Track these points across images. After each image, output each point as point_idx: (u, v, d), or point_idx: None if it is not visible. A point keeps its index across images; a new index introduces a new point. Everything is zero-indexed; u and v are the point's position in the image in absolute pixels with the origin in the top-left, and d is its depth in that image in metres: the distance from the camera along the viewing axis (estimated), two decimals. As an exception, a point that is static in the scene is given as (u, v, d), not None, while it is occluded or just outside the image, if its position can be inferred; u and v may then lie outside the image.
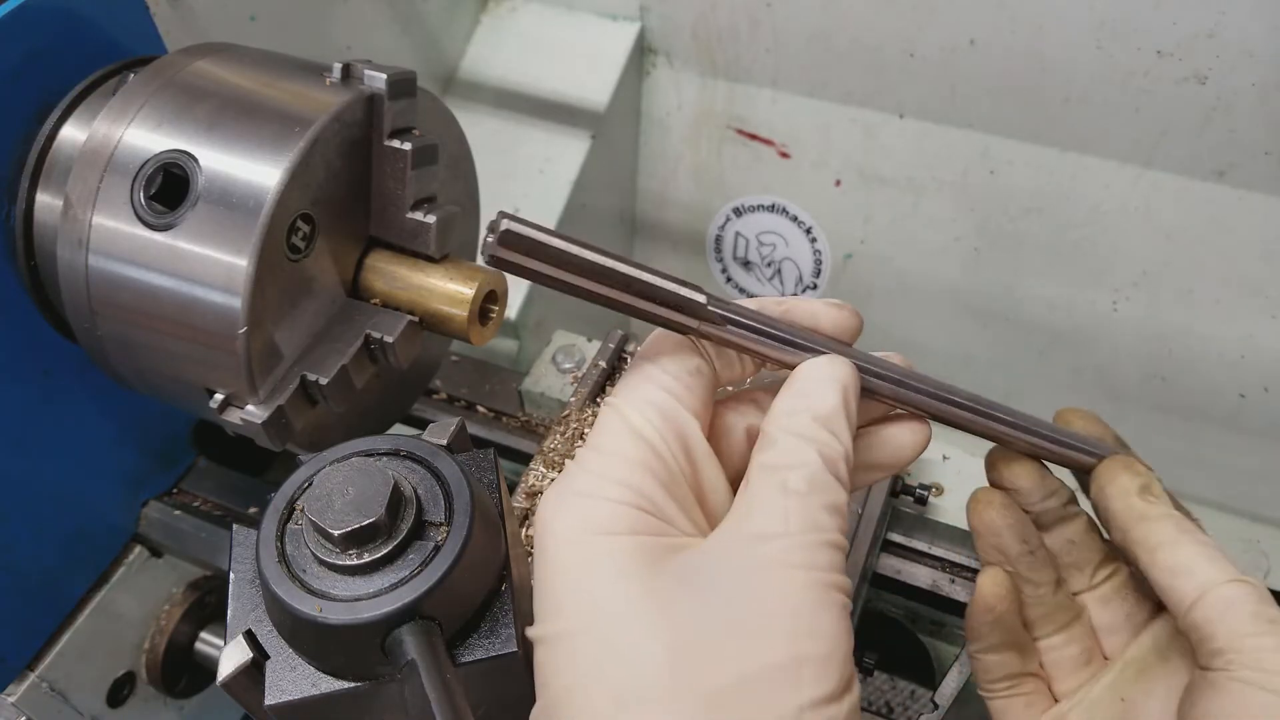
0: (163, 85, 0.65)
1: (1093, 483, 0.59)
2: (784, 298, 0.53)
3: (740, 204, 1.43)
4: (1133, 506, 0.56)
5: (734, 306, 0.50)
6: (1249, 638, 0.49)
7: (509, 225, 0.44)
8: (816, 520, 0.45)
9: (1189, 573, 0.52)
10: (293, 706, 0.45)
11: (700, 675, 0.41)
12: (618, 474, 0.47)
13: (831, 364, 0.50)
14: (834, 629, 0.43)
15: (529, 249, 0.45)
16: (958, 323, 1.36)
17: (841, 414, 0.48)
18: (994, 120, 1.20)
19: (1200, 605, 0.51)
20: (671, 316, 0.48)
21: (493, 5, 1.39)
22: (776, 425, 0.48)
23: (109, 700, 0.91)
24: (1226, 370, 1.22)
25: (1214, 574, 0.52)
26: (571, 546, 0.46)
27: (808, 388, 0.49)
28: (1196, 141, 1.10)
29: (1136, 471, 0.58)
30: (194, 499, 0.91)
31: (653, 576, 0.44)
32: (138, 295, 0.63)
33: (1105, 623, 0.62)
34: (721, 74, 1.33)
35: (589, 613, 0.44)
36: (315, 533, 0.44)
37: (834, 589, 0.44)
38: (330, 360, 0.65)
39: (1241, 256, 1.16)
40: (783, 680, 0.41)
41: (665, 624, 0.43)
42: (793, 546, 0.44)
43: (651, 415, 0.48)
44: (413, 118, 0.67)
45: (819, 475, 0.46)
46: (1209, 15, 1.01)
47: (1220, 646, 0.50)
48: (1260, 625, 0.49)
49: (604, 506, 0.46)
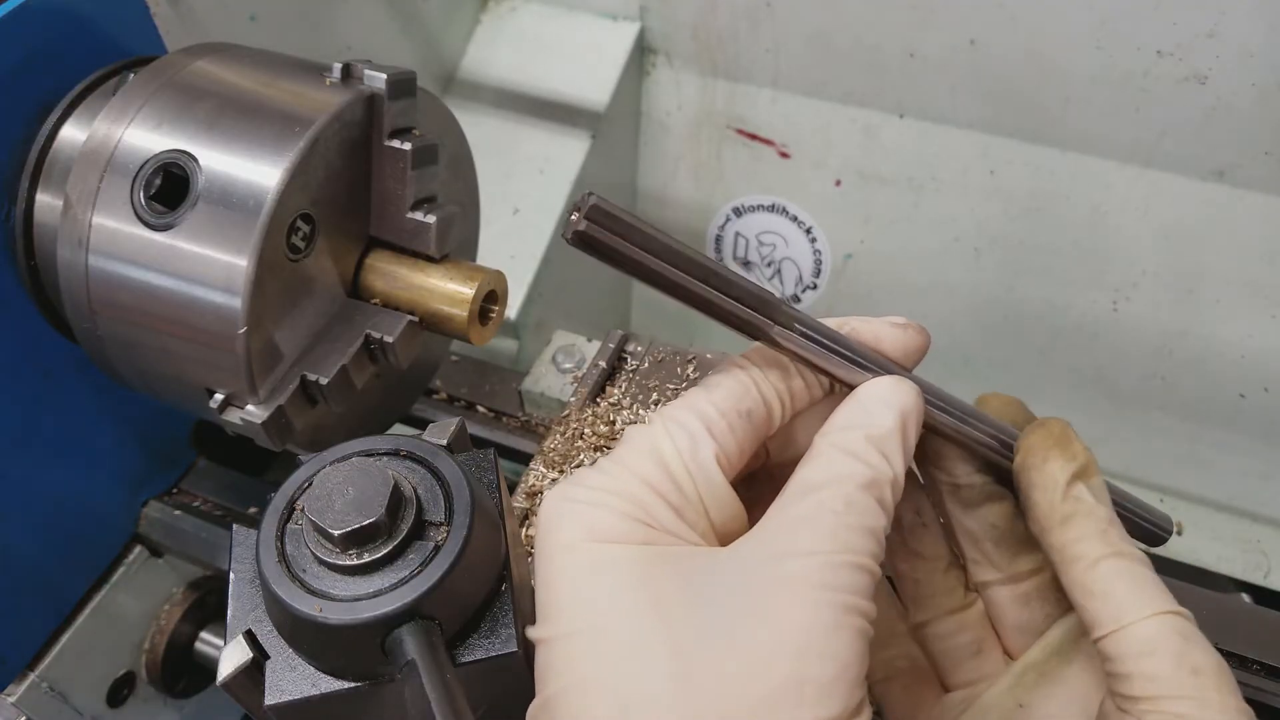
0: (163, 85, 0.65)
1: (1017, 457, 0.51)
2: (846, 318, 0.51)
3: (740, 204, 1.43)
4: (1055, 506, 0.49)
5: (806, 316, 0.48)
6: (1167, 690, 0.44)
7: (597, 201, 0.42)
8: (847, 541, 0.43)
9: (1106, 597, 0.47)
10: (293, 706, 0.45)
11: (702, 688, 0.41)
12: (626, 488, 0.46)
13: (895, 386, 0.48)
14: (846, 653, 0.41)
15: (617, 229, 0.43)
16: (958, 323, 1.36)
17: (897, 438, 0.46)
18: (994, 120, 1.20)
19: (1118, 639, 0.46)
20: (747, 315, 0.47)
21: (493, 5, 1.39)
22: (826, 440, 0.46)
23: (109, 700, 0.90)
24: (1226, 370, 1.22)
25: (1135, 604, 0.46)
26: (572, 549, 0.45)
27: (866, 406, 0.47)
28: (1196, 141, 1.10)
29: (1071, 453, 0.50)
30: (194, 499, 0.91)
31: (656, 583, 0.43)
32: (138, 295, 0.63)
33: (1022, 622, 0.55)
34: (721, 74, 1.33)
35: (591, 616, 0.43)
36: (315, 533, 0.44)
37: (854, 613, 0.42)
38: (330, 360, 0.65)
39: (1241, 256, 1.15)
40: (784, 699, 0.40)
41: (668, 632, 0.42)
42: (814, 565, 0.42)
43: (681, 441, 0.47)
44: (413, 118, 0.67)
45: (858, 496, 0.44)
46: (1209, 15, 1.01)
47: (1136, 693, 0.45)
48: (1182, 676, 0.44)
49: (607, 516, 0.45)
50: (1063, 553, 0.48)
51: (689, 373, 0.83)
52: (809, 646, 0.41)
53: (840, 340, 0.49)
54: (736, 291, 0.46)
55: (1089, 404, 1.32)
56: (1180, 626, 0.45)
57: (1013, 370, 1.36)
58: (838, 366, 0.48)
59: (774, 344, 0.48)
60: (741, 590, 0.43)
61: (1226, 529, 1.29)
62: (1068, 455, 0.50)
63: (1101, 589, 0.47)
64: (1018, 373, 1.36)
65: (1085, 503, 0.49)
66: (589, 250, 0.43)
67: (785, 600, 0.42)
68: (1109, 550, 0.48)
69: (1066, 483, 0.49)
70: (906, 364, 0.51)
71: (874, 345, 0.50)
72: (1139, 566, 0.47)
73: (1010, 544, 0.54)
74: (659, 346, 0.85)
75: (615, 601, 0.43)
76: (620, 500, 0.45)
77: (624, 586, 0.43)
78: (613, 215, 0.42)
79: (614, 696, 0.41)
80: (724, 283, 0.46)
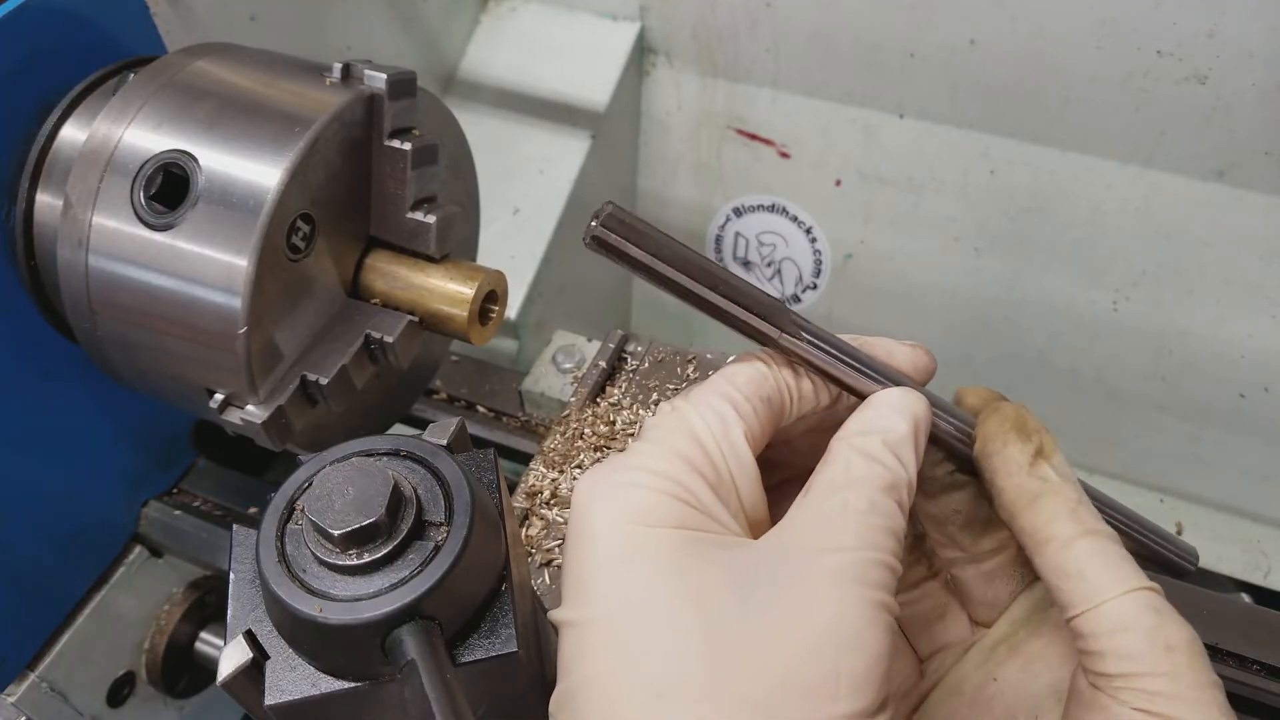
0: (163, 85, 0.65)
1: (977, 444, 0.52)
2: (859, 336, 0.53)
3: (740, 204, 1.43)
4: (1022, 487, 0.49)
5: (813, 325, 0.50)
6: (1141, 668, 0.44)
7: (613, 209, 0.46)
8: (874, 540, 0.44)
9: (1080, 577, 0.47)
10: (293, 706, 0.44)
11: (739, 676, 0.41)
12: (666, 467, 0.46)
13: (906, 396, 0.50)
14: (877, 647, 0.42)
15: (630, 235, 0.46)
16: (958, 322, 1.36)
17: (910, 444, 0.48)
18: (994, 120, 1.20)
19: (1091, 618, 0.46)
20: (754, 322, 0.49)
21: (493, 5, 1.39)
22: (845, 443, 0.48)
23: (109, 700, 0.91)
24: (1226, 370, 1.22)
25: (1109, 583, 0.46)
26: (610, 532, 0.45)
27: (881, 413, 0.49)
28: (1196, 141, 1.10)
29: (1026, 433, 0.50)
30: (194, 499, 0.91)
31: (693, 570, 0.44)
32: (138, 295, 0.63)
33: (988, 598, 0.56)
34: (721, 74, 1.33)
35: (624, 600, 0.43)
36: (315, 533, 0.44)
37: (883, 609, 0.43)
38: (330, 360, 0.65)
39: (1241, 256, 1.16)
40: (820, 690, 0.41)
41: (704, 620, 0.42)
42: (847, 562, 0.43)
43: (713, 422, 0.48)
44: (413, 118, 0.67)
45: (879, 497, 0.45)
46: (1209, 15, 1.01)
47: (1110, 671, 0.45)
48: (1155, 653, 0.44)
49: (648, 496, 0.46)
50: (1034, 535, 0.49)
51: (689, 373, 0.83)
52: (844, 641, 0.42)
53: (846, 349, 0.51)
54: (745, 300, 0.48)
55: (1089, 404, 1.32)
56: (1153, 602, 0.45)
57: (1013, 370, 1.36)
58: (846, 374, 0.50)
59: (781, 349, 0.50)
60: (776, 582, 0.43)
61: (1226, 529, 1.29)
62: (1025, 437, 0.50)
63: (1076, 569, 0.47)
64: (1018, 373, 1.36)
65: (1052, 481, 0.49)
66: (605, 253, 0.46)
67: (821, 594, 0.42)
68: (1081, 530, 0.47)
69: (1029, 463, 0.49)
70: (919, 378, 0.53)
71: (886, 359, 0.52)
72: (1111, 544, 0.47)
73: (974, 527, 0.55)
74: (659, 346, 0.85)
75: (649, 588, 0.44)
76: (658, 479, 0.46)
77: (658, 573, 0.44)
78: (627, 223, 0.46)
79: (648, 683, 0.42)
80: (733, 290, 0.48)
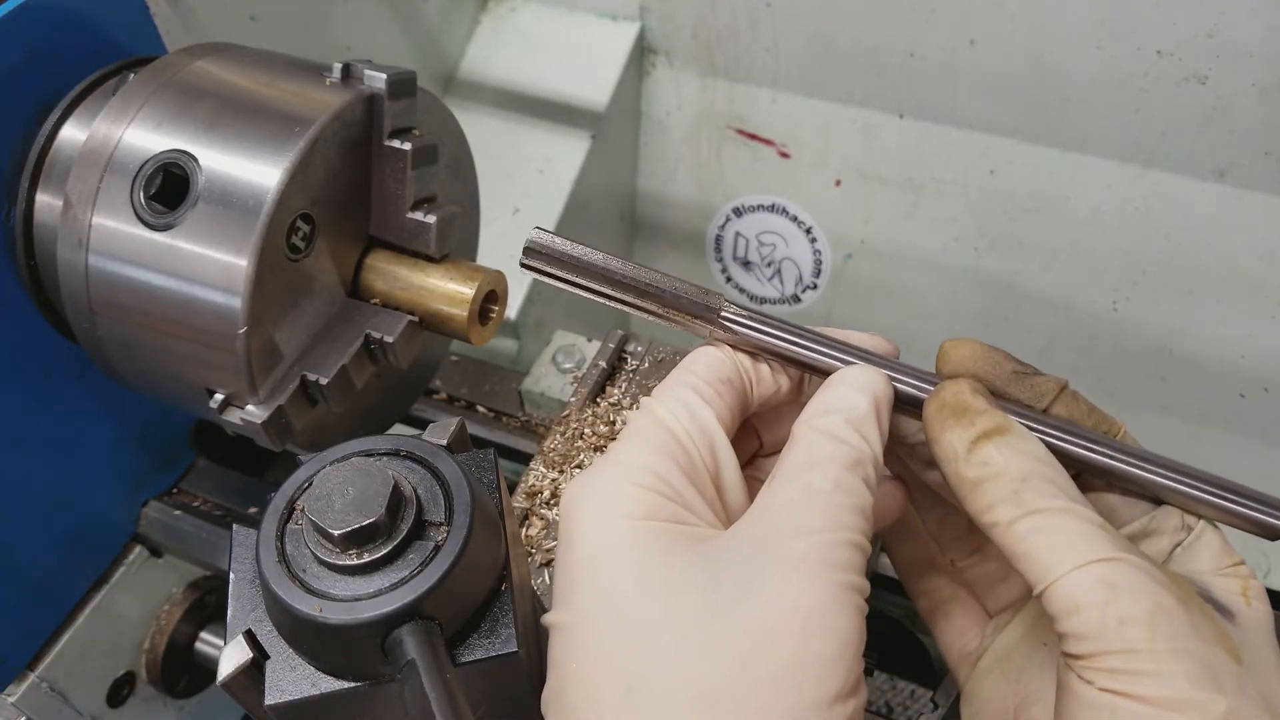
0: (163, 85, 0.65)
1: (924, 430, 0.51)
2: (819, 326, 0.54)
3: (740, 204, 1.43)
4: (961, 476, 0.48)
5: (758, 315, 0.52)
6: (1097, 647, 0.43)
7: (533, 236, 0.52)
8: (840, 519, 0.44)
9: (1029, 558, 0.45)
10: (293, 706, 0.44)
11: (706, 668, 0.42)
12: (641, 460, 0.48)
13: (864, 372, 0.50)
14: (846, 630, 0.42)
15: (550, 261, 0.52)
16: (958, 323, 1.36)
17: (873, 419, 0.48)
18: (994, 120, 1.20)
19: (1047, 599, 0.44)
20: (686, 321, 0.53)
21: (493, 5, 1.39)
22: (807, 425, 0.48)
23: (109, 700, 0.90)
24: (1226, 370, 1.22)
25: (1056, 561, 0.44)
26: (591, 531, 0.46)
27: (840, 392, 0.49)
28: (1196, 141, 1.10)
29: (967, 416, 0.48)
30: (194, 499, 0.91)
31: (668, 565, 0.45)
32: (138, 295, 0.63)
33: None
34: (721, 74, 1.33)
35: (602, 599, 0.44)
36: (315, 533, 0.44)
37: (851, 590, 0.43)
38: (330, 360, 0.65)
39: (1241, 256, 1.16)
40: (788, 676, 0.41)
41: (676, 613, 0.43)
42: (813, 544, 0.44)
43: (679, 411, 0.49)
44: (413, 118, 0.67)
45: (844, 476, 0.46)
46: (1209, 15, 1.01)
47: (1072, 651, 0.44)
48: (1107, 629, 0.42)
49: (627, 490, 0.47)
50: (980, 521, 0.47)
51: (689, 373, 0.83)
52: (810, 625, 0.42)
53: (796, 330, 0.53)
54: (675, 302, 0.53)
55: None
56: (1105, 574, 0.43)
57: (1013, 370, 1.36)
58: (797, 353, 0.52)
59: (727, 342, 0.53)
60: (745, 571, 0.44)
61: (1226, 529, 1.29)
62: (965, 421, 0.48)
63: (1023, 550, 0.45)
64: (1018, 373, 1.36)
65: (992, 466, 0.47)
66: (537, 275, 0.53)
67: (787, 580, 0.43)
68: (1021, 511, 0.46)
69: (967, 450, 0.48)
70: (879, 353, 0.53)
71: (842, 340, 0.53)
72: (1061, 519, 0.45)
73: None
74: (659, 346, 0.85)
75: (622, 586, 0.44)
76: (633, 472, 0.47)
77: (632, 571, 0.45)
78: (545, 250, 0.52)
79: (619, 680, 0.42)
80: (661, 295, 0.53)
